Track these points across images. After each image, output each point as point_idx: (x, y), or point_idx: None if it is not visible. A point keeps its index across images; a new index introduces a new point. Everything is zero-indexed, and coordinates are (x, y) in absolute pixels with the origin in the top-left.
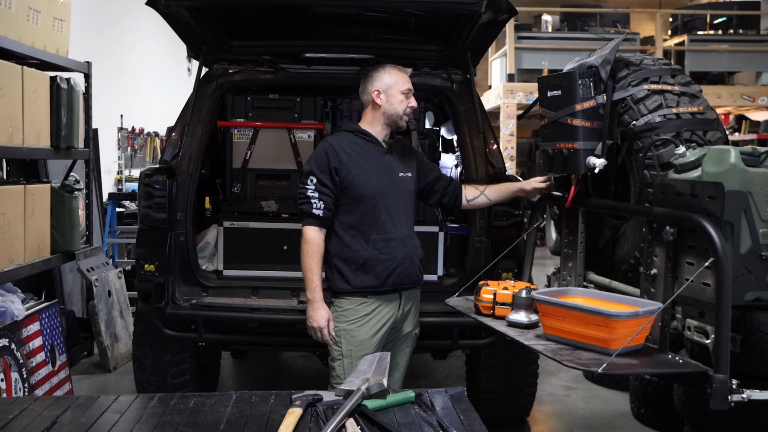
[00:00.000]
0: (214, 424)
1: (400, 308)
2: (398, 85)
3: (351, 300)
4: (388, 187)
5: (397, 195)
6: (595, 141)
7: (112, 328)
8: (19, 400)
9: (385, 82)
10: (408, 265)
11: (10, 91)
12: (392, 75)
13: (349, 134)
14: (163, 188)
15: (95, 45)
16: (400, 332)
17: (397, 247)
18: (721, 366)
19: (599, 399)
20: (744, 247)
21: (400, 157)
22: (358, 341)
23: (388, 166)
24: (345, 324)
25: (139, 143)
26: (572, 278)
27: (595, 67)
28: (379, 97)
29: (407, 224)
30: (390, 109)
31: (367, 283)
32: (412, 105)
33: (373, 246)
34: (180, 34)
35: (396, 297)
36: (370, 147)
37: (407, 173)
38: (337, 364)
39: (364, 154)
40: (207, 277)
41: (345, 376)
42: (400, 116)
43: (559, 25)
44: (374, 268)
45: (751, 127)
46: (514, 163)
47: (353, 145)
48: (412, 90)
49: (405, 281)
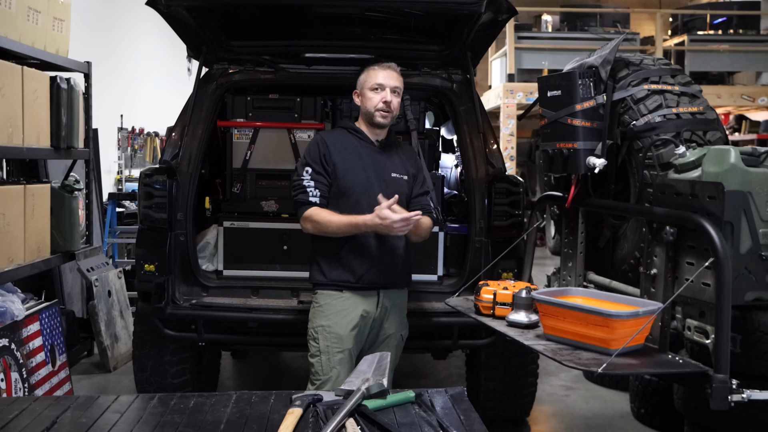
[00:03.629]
0: (214, 424)
1: (378, 306)
2: (368, 82)
3: (326, 294)
4: (374, 184)
5: (384, 192)
6: (595, 141)
7: (112, 328)
8: (19, 400)
9: (359, 81)
10: (387, 264)
11: (10, 91)
12: (364, 73)
13: (343, 131)
14: (163, 188)
15: (95, 45)
16: (382, 333)
17: (376, 245)
18: (721, 366)
19: (599, 399)
20: (744, 247)
21: (397, 158)
22: (336, 337)
23: (377, 165)
24: (322, 320)
25: (139, 143)
26: (572, 278)
27: (595, 67)
28: (357, 97)
29: None
30: (364, 108)
31: (342, 277)
32: (386, 99)
33: (353, 242)
34: (180, 34)
35: (373, 294)
36: (362, 144)
37: (402, 176)
38: (315, 361)
39: (353, 151)
40: (207, 277)
41: (323, 373)
42: (372, 113)
43: (559, 25)
44: (349, 263)
45: (751, 127)
46: (514, 163)
47: (344, 141)
48: (385, 84)
49: (383, 280)
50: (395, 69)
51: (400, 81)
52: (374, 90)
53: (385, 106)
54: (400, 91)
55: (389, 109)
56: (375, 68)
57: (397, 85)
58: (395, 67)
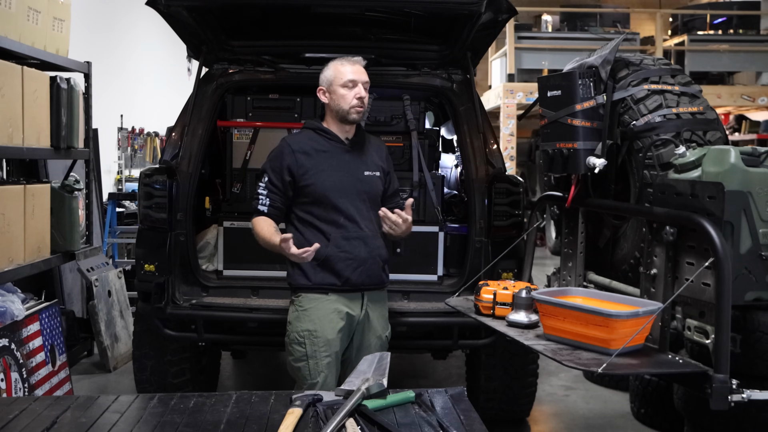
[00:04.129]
0: (214, 424)
1: (363, 308)
2: (338, 79)
3: (311, 297)
4: (348, 185)
5: (360, 193)
6: (595, 141)
7: (112, 328)
8: (19, 400)
9: (326, 78)
10: (371, 264)
11: (10, 91)
12: (332, 69)
13: (310, 132)
14: (163, 188)
15: (95, 45)
16: (368, 335)
17: (359, 246)
18: (721, 366)
19: (599, 399)
20: (744, 247)
21: (368, 155)
22: (324, 341)
23: (349, 164)
24: (308, 324)
25: (139, 143)
26: (572, 278)
27: (595, 67)
28: (324, 95)
29: (371, 223)
30: (335, 106)
31: (328, 280)
32: (360, 96)
33: (335, 244)
34: (180, 34)
35: (358, 297)
36: (331, 145)
37: (374, 172)
38: (302, 365)
39: (323, 153)
40: (207, 277)
41: (311, 377)
42: (347, 111)
43: (559, 25)
44: (335, 266)
45: (751, 127)
46: (514, 163)
47: (312, 143)
48: (357, 81)
49: (367, 281)
50: (362, 63)
51: (367, 75)
52: (346, 87)
53: (359, 103)
54: (368, 85)
55: (363, 105)
56: (343, 63)
57: (367, 80)
58: (362, 60)
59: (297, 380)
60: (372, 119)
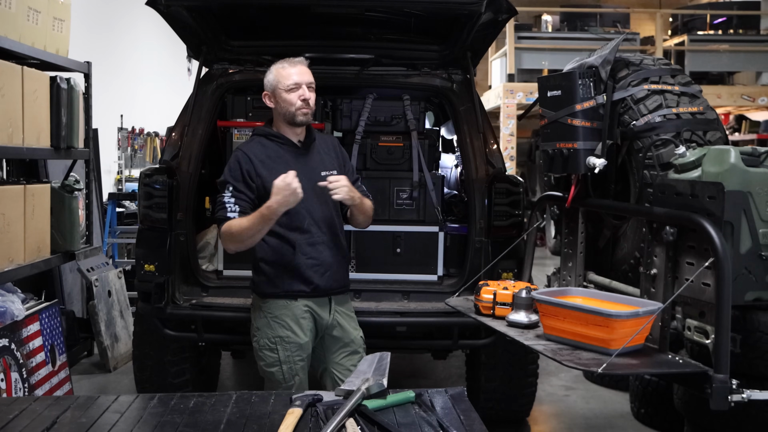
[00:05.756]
0: (214, 424)
1: (331, 313)
2: (281, 83)
3: (279, 303)
4: (307, 188)
5: (321, 196)
6: (595, 141)
7: (112, 328)
8: (19, 400)
9: (269, 82)
10: (337, 268)
11: (10, 91)
12: (274, 73)
13: (261, 138)
14: (163, 188)
15: (95, 45)
16: (341, 339)
17: (324, 251)
18: (721, 366)
19: (599, 399)
20: (744, 247)
21: (324, 155)
22: (296, 346)
23: (306, 167)
24: (279, 330)
25: (139, 143)
26: (572, 278)
27: (595, 67)
28: (270, 100)
29: (333, 226)
30: (281, 110)
31: (296, 287)
32: (305, 98)
33: (301, 251)
34: (180, 34)
35: (326, 302)
36: (284, 149)
37: (332, 171)
38: (275, 370)
39: (277, 159)
40: (207, 277)
41: (286, 381)
42: (293, 114)
43: (559, 25)
44: (304, 273)
45: (751, 127)
46: (514, 163)
47: (265, 150)
48: (300, 83)
49: (335, 285)
50: (305, 63)
51: (311, 74)
52: (291, 90)
53: (304, 104)
54: (314, 85)
55: (309, 106)
56: (284, 66)
57: (311, 81)
58: (304, 61)
59: (270, 383)
60: (372, 119)
